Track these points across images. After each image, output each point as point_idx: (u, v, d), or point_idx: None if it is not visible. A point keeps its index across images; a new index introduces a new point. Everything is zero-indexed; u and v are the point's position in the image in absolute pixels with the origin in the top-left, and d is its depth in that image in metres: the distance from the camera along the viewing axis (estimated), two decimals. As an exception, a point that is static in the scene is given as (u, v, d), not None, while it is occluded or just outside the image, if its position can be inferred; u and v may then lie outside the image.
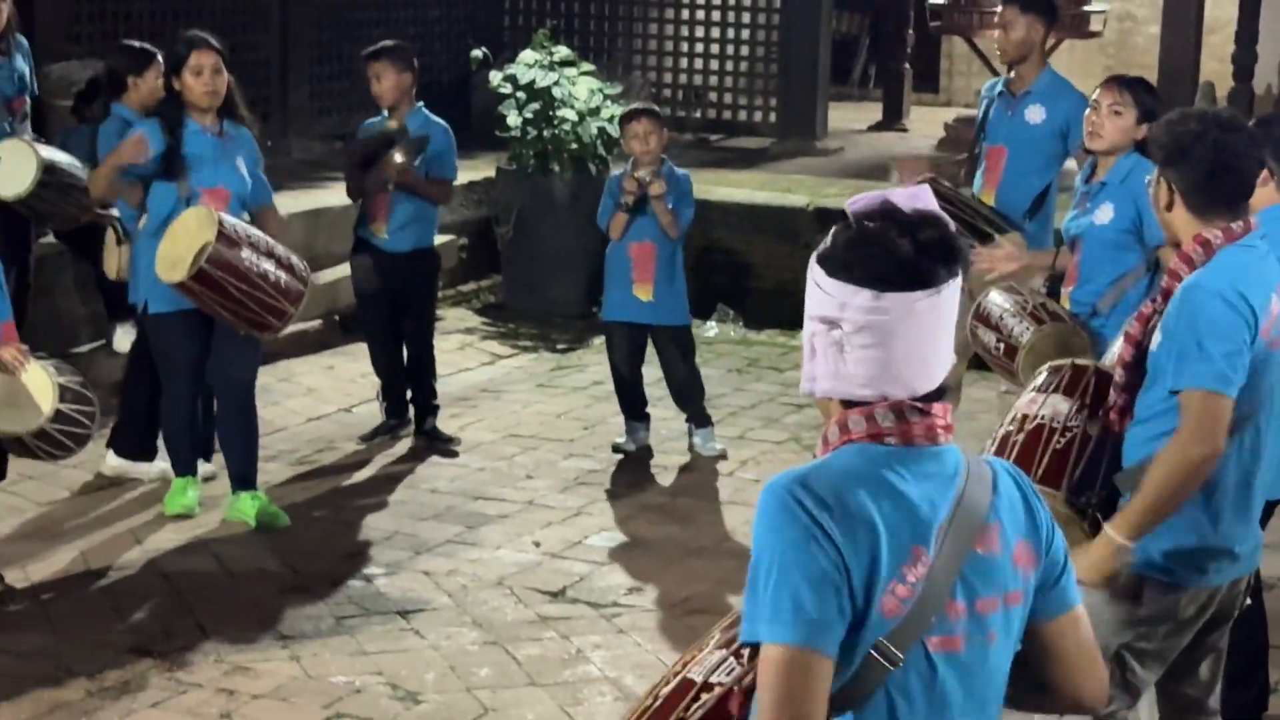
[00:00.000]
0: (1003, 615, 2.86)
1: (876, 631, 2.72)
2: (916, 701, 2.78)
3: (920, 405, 2.81)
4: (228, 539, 7.81)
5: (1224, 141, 4.59)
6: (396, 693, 6.37)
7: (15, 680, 6.37)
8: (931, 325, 2.81)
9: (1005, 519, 2.86)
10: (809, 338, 2.86)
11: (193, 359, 7.89)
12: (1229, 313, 4.40)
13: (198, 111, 7.81)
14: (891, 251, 2.77)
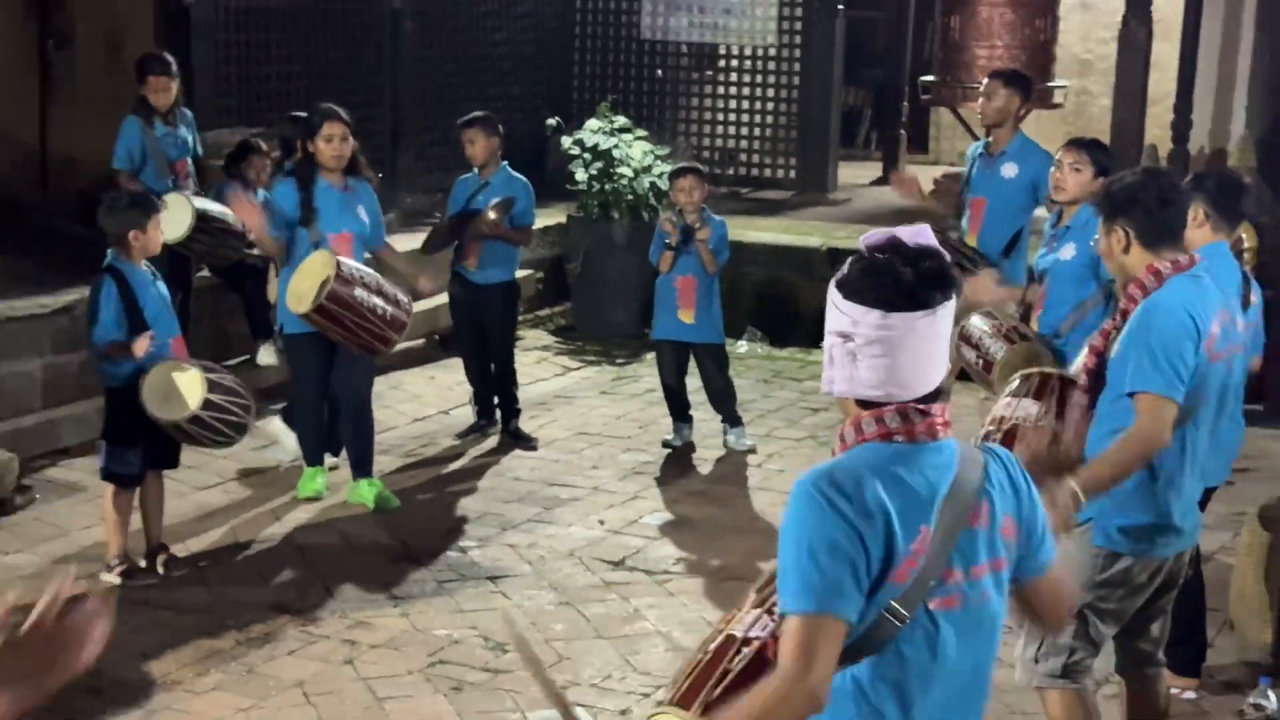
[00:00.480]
0: (992, 578, 2.90)
1: (889, 595, 2.76)
2: (920, 650, 2.81)
3: (922, 407, 2.85)
4: (349, 517, 7.84)
5: (1162, 186, 4.67)
6: (487, 644, 6.38)
7: (178, 631, 6.41)
8: (930, 339, 2.84)
9: (995, 497, 2.89)
10: (828, 348, 2.92)
11: (319, 372, 7.96)
12: (1179, 329, 4.46)
13: (326, 170, 7.87)
14: (897, 279, 2.81)
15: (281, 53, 12.08)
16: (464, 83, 13.69)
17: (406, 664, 6.19)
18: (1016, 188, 8.22)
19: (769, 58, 14.55)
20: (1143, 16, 12.38)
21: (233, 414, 6.98)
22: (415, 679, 6.05)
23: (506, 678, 6.07)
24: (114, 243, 6.80)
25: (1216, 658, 6.24)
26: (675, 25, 14.71)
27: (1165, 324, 4.46)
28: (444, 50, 13.58)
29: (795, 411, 10.10)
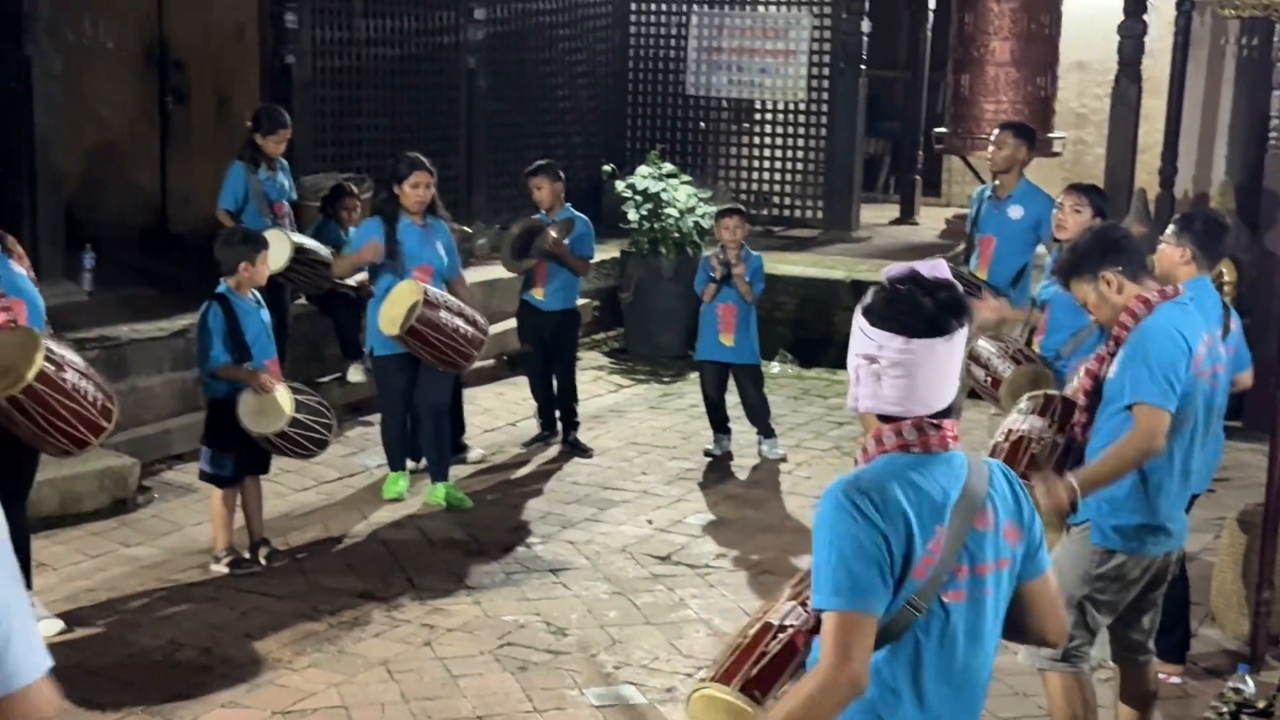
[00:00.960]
0: (995, 575, 2.88)
1: (910, 590, 2.76)
2: (933, 637, 2.82)
3: (935, 421, 2.84)
4: (427, 516, 7.85)
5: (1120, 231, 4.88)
6: (550, 628, 6.37)
7: (278, 615, 6.43)
8: (946, 362, 2.83)
9: (997, 503, 2.88)
10: (854, 369, 2.90)
11: (403, 388, 7.97)
12: (1172, 347, 4.46)
13: (409, 212, 7.91)
14: (918, 308, 2.81)
15: (370, 106, 12.15)
16: (530, 133, 13.74)
17: (478, 646, 6.18)
18: (1022, 227, 8.18)
19: (799, 111, 14.56)
20: (1133, 75, 12.34)
21: (316, 431, 7.00)
22: (485, 659, 6.05)
23: (567, 659, 6.06)
24: (226, 273, 6.84)
25: (1200, 646, 6.21)
26: (716, 82, 14.74)
27: (1160, 342, 4.47)
28: (512, 104, 13.64)
29: (822, 425, 10.08)
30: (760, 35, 14.49)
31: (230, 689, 5.70)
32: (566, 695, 5.73)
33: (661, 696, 5.74)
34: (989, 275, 8.06)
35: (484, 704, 5.63)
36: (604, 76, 14.96)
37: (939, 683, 2.85)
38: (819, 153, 14.45)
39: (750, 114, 14.81)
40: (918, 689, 2.83)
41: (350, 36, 11.89)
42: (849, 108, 14.14)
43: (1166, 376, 4.43)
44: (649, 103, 15.16)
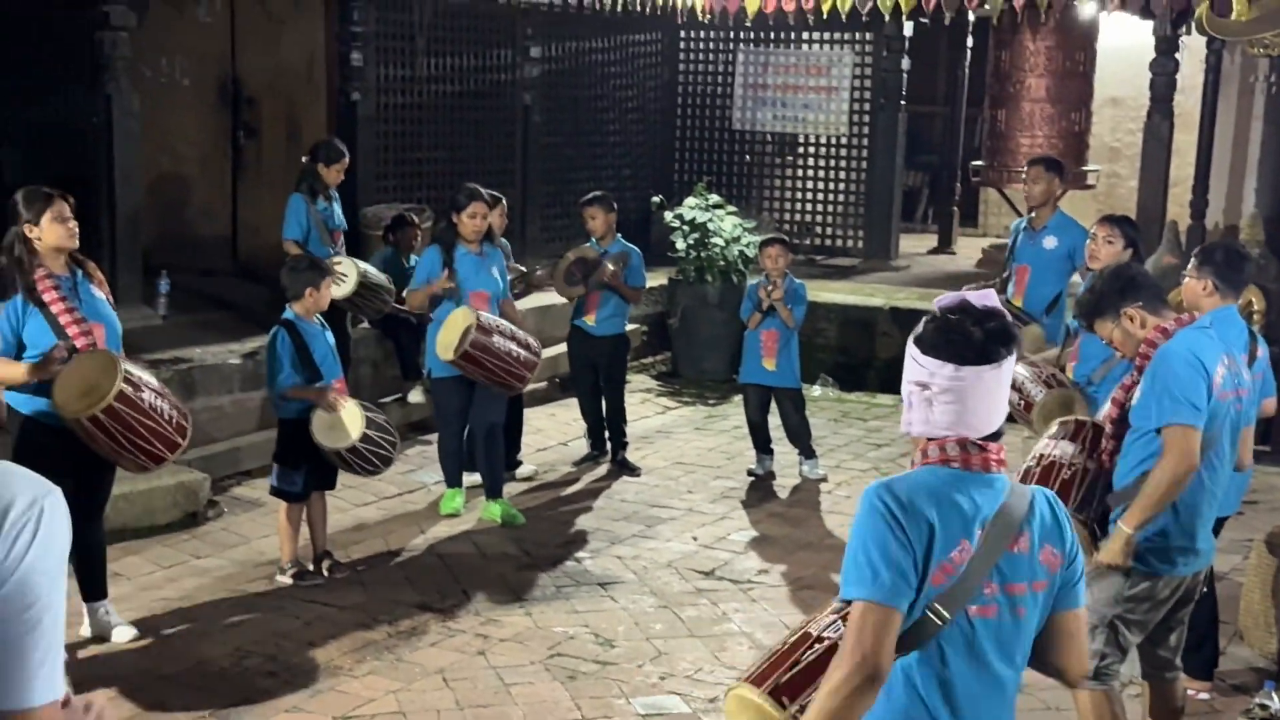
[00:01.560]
0: (1030, 597, 2.86)
1: (930, 596, 2.76)
2: (959, 650, 2.81)
3: (980, 443, 2.85)
4: (482, 531, 7.87)
5: (1133, 269, 4.92)
6: (598, 640, 6.38)
7: (339, 625, 6.46)
8: (995, 388, 2.85)
9: (1035, 529, 2.86)
10: (907, 395, 2.90)
11: (459, 408, 8.01)
12: (1188, 370, 4.46)
13: (466, 240, 7.97)
14: (968, 337, 2.82)
15: (431, 140, 12.25)
16: (582, 166, 13.81)
17: (529, 655, 6.19)
18: (1056, 257, 8.17)
19: (841, 145, 14.56)
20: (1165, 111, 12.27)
21: (383, 448, 7.04)
22: (536, 668, 6.06)
23: (614, 669, 6.07)
24: (292, 299, 6.90)
25: (1227, 664, 6.15)
26: (761, 117, 14.76)
27: (1176, 367, 4.47)
28: (565, 139, 13.72)
29: (861, 446, 10.05)
30: (804, 72, 14.50)
31: (294, 694, 5.74)
32: (614, 704, 5.73)
33: (705, 706, 5.74)
34: (1024, 303, 8.08)
35: (534, 711, 5.64)
36: (653, 112, 15.01)
37: (968, 696, 2.84)
38: (860, 185, 14.45)
39: (794, 148, 14.82)
40: (949, 701, 2.83)
41: (412, 74, 12.00)
42: (889, 142, 14.13)
43: (1188, 397, 4.42)
44: (696, 137, 15.20)
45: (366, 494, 8.33)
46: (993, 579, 2.81)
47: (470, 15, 12.42)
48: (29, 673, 2.14)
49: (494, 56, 12.86)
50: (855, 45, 14.21)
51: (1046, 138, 13.80)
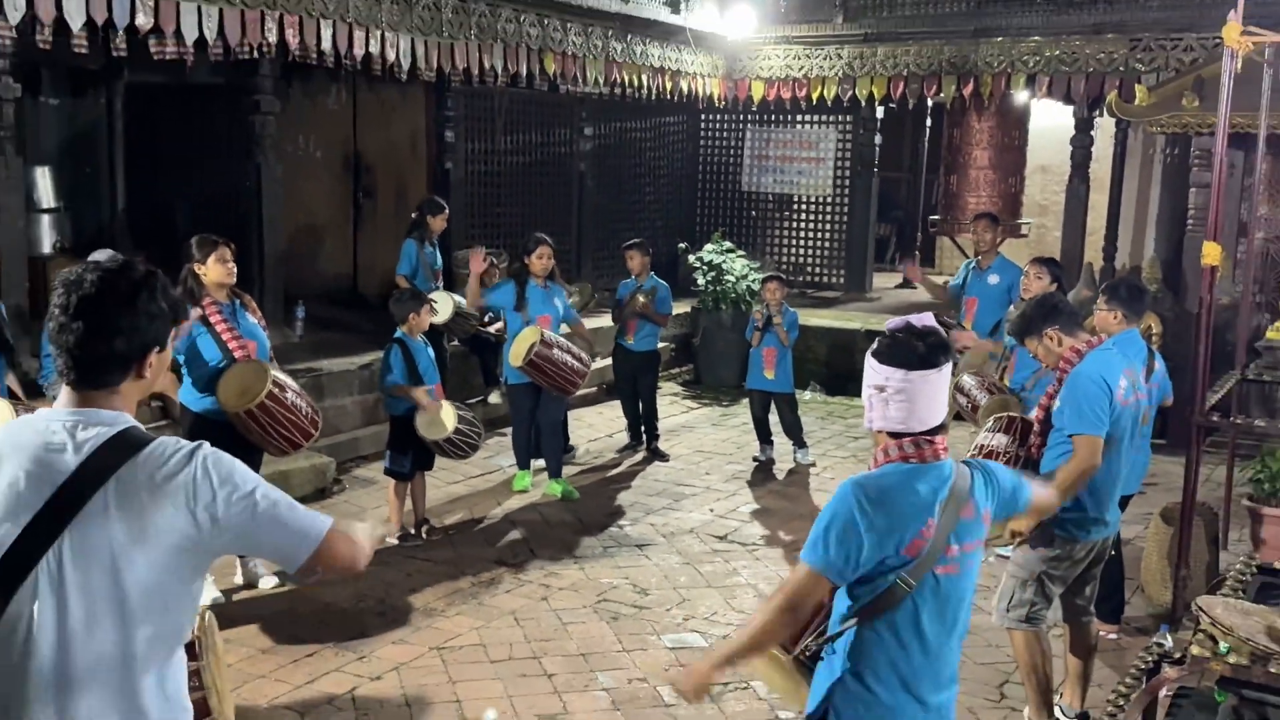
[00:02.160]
0: (976, 551, 2.91)
1: (904, 566, 2.77)
2: (929, 602, 2.82)
3: (929, 437, 2.85)
4: (545, 504, 7.88)
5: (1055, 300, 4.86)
6: (635, 589, 6.40)
7: (433, 576, 6.50)
8: (937, 389, 2.85)
9: (977, 496, 2.89)
10: (868, 398, 2.91)
11: (528, 408, 8.00)
12: (1095, 389, 4.46)
13: (535, 276, 7.98)
14: (913, 350, 2.83)
15: (507, 198, 12.28)
16: (623, 219, 13.81)
17: (581, 601, 6.22)
18: (998, 291, 8.13)
19: (826, 203, 14.53)
20: (1082, 176, 12.25)
21: (471, 439, 7.06)
22: (587, 611, 6.08)
23: (648, 612, 6.07)
24: (400, 322, 6.96)
25: (1131, 611, 6.13)
26: (764, 181, 14.75)
27: (1085, 387, 4.47)
28: (611, 198, 13.72)
29: (843, 439, 10.01)
30: (798, 146, 14.49)
31: (399, 630, 5.78)
32: (647, 639, 5.75)
33: (719, 642, 5.72)
34: (972, 327, 8.02)
35: (586, 644, 5.66)
36: (680, 177, 15.03)
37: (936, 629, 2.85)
38: (841, 234, 14.42)
39: (789, 205, 14.80)
40: (921, 639, 2.83)
41: (492, 148, 12.05)
42: (864, 200, 14.09)
43: (1094, 411, 4.43)
44: (713, 196, 15.19)
45: (456, 474, 8.37)
46: (952, 543, 2.82)
47: (538, 103, 12.46)
48: (300, 527, 2.29)
49: (556, 135, 12.89)
50: (838, 125, 14.19)
51: (989, 197, 13.74)
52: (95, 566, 2.14)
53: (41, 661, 2.16)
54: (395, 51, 8.95)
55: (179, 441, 2.25)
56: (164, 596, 2.20)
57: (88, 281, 2.20)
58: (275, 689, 5.08)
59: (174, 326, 2.32)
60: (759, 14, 12.98)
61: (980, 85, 11.92)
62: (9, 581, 2.15)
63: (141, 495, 2.15)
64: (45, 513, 2.14)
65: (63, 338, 2.20)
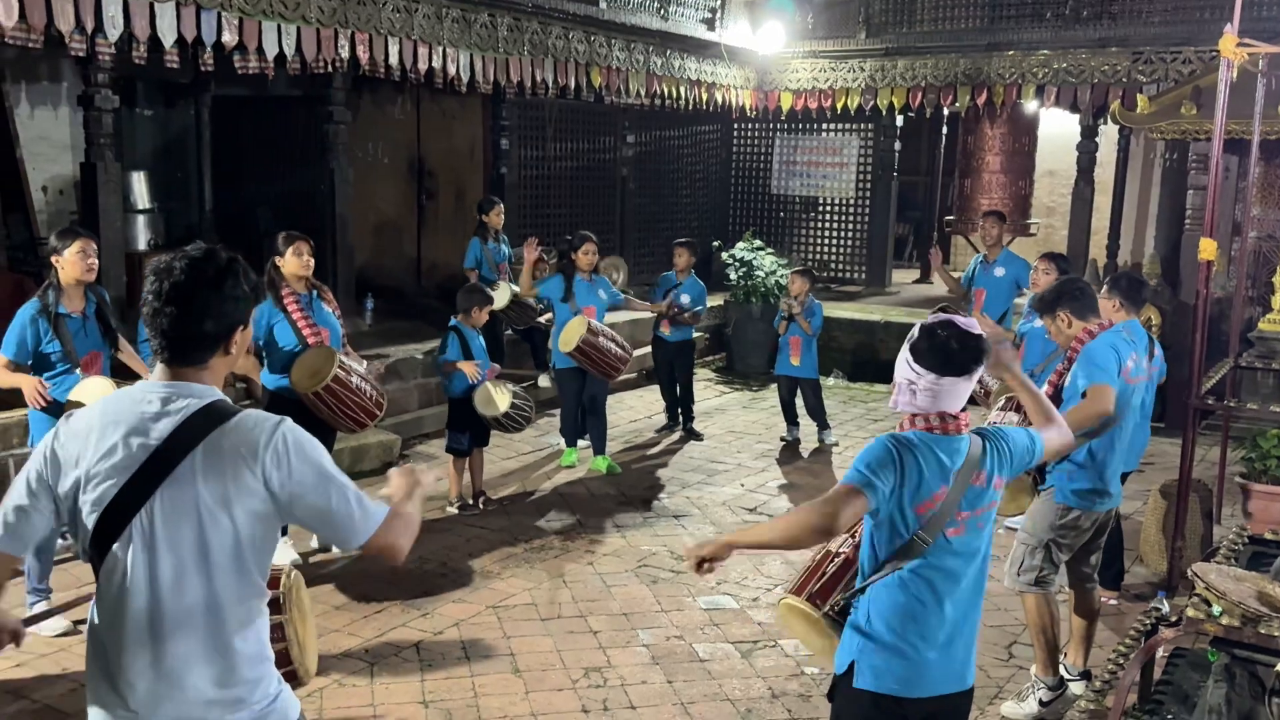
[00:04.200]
0: (986, 514, 2.87)
1: (917, 524, 2.75)
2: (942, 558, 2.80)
3: (954, 414, 2.82)
4: (590, 479, 7.88)
5: (1076, 283, 4.74)
6: (673, 555, 6.38)
7: (489, 542, 6.53)
8: (964, 389, 2.82)
9: (988, 464, 2.85)
10: (898, 383, 2.86)
11: (575, 391, 8.01)
12: (1108, 353, 4.44)
13: (581, 270, 7.98)
14: (951, 356, 2.78)
15: (556, 200, 12.31)
16: (663, 219, 13.81)
17: (624, 565, 6.23)
18: (1005, 283, 8.07)
19: (849, 205, 14.44)
20: (1087, 179, 12.08)
21: (523, 414, 7.07)
22: (628, 575, 6.09)
23: (684, 576, 6.06)
24: (460, 312, 6.98)
25: (1131, 579, 6.06)
26: (792, 184, 14.68)
27: (1099, 351, 4.45)
28: (651, 199, 13.72)
29: (863, 421, 9.95)
30: (823, 152, 14.40)
31: (458, 589, 5.81)
32: (684, 601, 5.75)
33: (749, 604, 5.74)
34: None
35: (628, 604, 5.67)
36: (714, 180, 14.99)
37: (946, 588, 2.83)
38: (863, 233, 14.33)
39: (815, 206, 14.73)
40: (936, 595, 2.82)
41: (543, 154, 12.08)
42: (885, 202, 13.99)
43: (1105, 367, 4.39)
44: (745, 198, 15.14)
45: (510, 451, 8.41)
46: (962, 508, 2.80)
47: (584, 112, 12.46)
48: (354, 519, 2.25)
49: (601, 142, 12.89)
50: (860, 132, 14.09)
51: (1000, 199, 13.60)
52: (184, 524, 2.18)
53: (137, 608, 2.20)
54: (455, 66, 8.98)
55: (265, 415, 2.27)
56: (243, 555, 2.23)
57: (177, 269, 2.23)
58: (348, 641, 5.13)
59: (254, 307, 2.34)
60: (788, 30, 12.92)
61: (993, 95, 11.82)
62: (109, 533, 2.20)
63: (225, 461, 2.18)
64: (140, 474, 2.17)
65: (157, 320, 2.23)
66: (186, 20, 7.01)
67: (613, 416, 9.16)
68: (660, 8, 11.41)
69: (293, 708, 2.38)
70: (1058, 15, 11.59)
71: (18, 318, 4.95)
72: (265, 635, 2.33)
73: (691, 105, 12.33)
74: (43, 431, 4.98)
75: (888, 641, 2.82)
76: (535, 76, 9.83)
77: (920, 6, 12.48)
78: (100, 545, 2.21)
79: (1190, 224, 9.55)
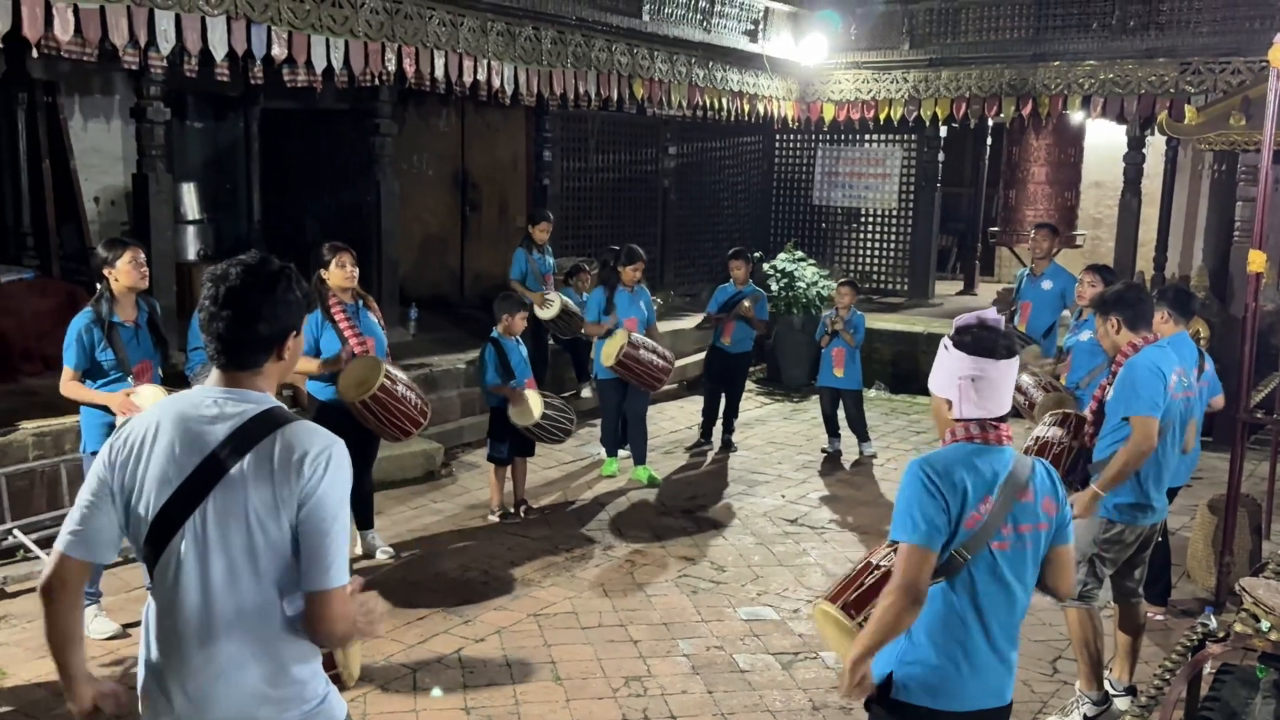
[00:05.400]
0: (1034, 534, 2.83)
1: (962, 538, 2.74)
2: (984, 573, 2.78)
3: (995, 423, 2.82)
4: (630, 488, 7.89)
5: (1137, 292, 4.66)
6: (713, 566, 6.39)
7: (531, 550, 6.55)
8: (1007, 377, 2.81)
9: (1036, 484, 2.83)
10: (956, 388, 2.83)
11: (616, 402, 8.02)
12: (1152, 376, 4.38)
13: (624, 284, 8.02)
14: (995, 343, 2.80)
15: (598, 210, 12.37)
16: (704, 231, 13.83)
17: (664, 575, 6.23)
18: (1051, 296, 7.99)
19: (892, 216, 14.39)
20: (1134, 191, 11.95)
21: (560, 424, 7.06)
22: (669, 584, 6.09)
23: (724, 587, 6.07)
24: (498, 322, 7.03)
25: (1178, 595, 5.99)
26: (834, 195, 14.65)
27: (1141, 373, 4.38)
28: (692, 211, 13.74)
29: (905, 433, 9.91)
30: (865, 163, 14.37)
31: (500, 597, 5.84)
32: (724, 611, 5.75)
33: (789, 615, 5.73)
34: (1027, 329, 7.90)
35: (668, 614, 5.67)
36: (755, 192, 14.99)
37: (989, 606, 2.81)
38: (906, 244, 14.27)
39: (857, 218, 14.68)
40: (979, 613, 2.80)
41: (585, 166, 12.14)
42: (928, 213, 13.92)
43: (1150, 395, 4.34)
44: (786, 210, 15.13)
45: (551, 461, 8.44)
46: (1008, 521, 2.78)
47: (626, 124, 12.52)
48: (326, 564, 2.24)
49: (642, 153, 12.93)
50: (903, 143, 14.04)
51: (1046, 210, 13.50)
52: (234, 526, 2.23)
53: (189, 609, 2.25)
54: (500, 79, 9.07)
55: (320, 428, 2.31)
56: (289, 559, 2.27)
57: (233, 275, 2.29)
58: (390, 648, 5.18)
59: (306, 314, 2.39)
60: (830, 42, 12.91)
61: (1038, 106, 11.74)
62: (163, 535, 2.25)
63: (274, 468, 2.23)
64: (194, 477, 2.23)
65: (213, 325, 2.29)
66: (237, 34, 7.14)
67: (653, 427, 9.14)
68: (703, 20, 11.44)
69: (339, 709, 2.41)
70: (1104, 25, 11.49)
71: (72, 328, 5.05)
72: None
73: (733, 117, 12.35)
74: (95, 437, 5.08)
75: (927, 654, 2.82)
76: (578, 88, 9.90)
77: (965, 17, 12.43)
78: (155, 546, 2.27)
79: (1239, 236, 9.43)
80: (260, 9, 7.23)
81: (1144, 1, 11.19)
